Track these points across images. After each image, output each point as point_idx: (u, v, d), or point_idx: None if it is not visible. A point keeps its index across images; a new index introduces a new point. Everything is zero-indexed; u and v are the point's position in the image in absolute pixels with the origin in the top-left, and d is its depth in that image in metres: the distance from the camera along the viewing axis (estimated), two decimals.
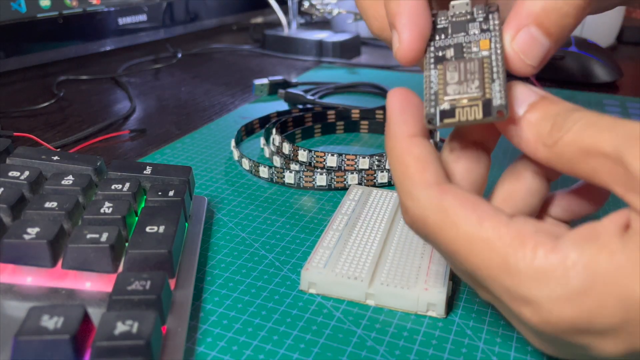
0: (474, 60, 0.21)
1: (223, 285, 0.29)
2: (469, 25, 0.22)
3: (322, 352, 0.25)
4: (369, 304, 0.28)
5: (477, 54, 0.21)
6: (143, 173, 0.33)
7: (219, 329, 0.26)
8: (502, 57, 0.21)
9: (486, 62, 0.21)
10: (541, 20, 0.20)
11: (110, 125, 0.52)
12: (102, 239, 0.25)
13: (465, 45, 0.22)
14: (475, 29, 0.22)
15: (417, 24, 0.22)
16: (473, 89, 0.21)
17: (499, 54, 0.21)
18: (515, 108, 0.20)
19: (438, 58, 0.22)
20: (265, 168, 0.41)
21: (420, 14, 0.22)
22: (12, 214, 0.27)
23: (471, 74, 0.21)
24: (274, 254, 0.32)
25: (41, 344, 0.19)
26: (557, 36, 0.21)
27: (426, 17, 0.22)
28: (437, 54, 0.22)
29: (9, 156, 0.32)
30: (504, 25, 0.21)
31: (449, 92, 0.21)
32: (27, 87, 0.63)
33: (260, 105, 0.59)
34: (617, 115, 0.57)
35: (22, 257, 0.24)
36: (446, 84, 0.21)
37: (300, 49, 0.82)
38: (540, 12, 0.20)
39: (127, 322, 0.21)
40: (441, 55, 0.22)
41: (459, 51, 0.22)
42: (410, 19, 0.22)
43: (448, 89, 0.21)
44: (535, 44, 0.21)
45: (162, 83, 0.68)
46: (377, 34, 0.26)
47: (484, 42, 0.22)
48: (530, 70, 0.21)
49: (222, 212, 0.37)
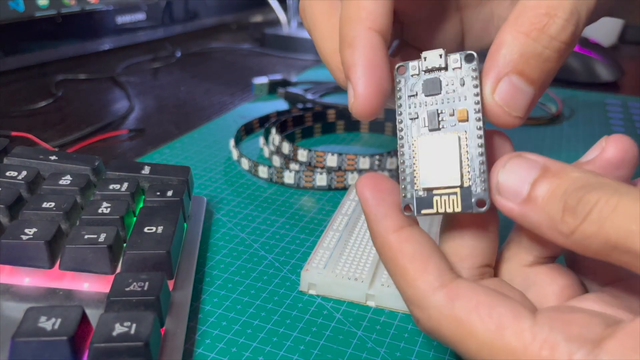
0: (450, 139, 0.19)
1: (222, 286, 0.29)
2: (443, 81, 0.20)
3: (322, 353, 0.25)
4: (370, 305, 0.28)
5: (454, 126, 0.19)
6: (141, 173, 0.32)
7: (218, 330, 0.26)
8: (483, 130, 0.19)
9: (463, 137, 0.19)
10: (521, 68, 0.19)
11: (108, 125, 0.52)
12: (100, 240, 0.25)
13: (440, 112, 0.20)
14: (450, 86, 0.20)
15: (373, 77, 0.20)
16: (449, 177, 0.19)
17: (479, 121, 0.19)
18: (516, 190, 0.18)
19: (411, 126, 0.20)
20: (264, 168, 0.41)
21: (377, 65, 0.20)
22: (10, 214, 0.26)
23: (447, 157, 0.19)
24: (274, 254, 0.32)
25: (39, 345, 0.19)
26: (541, 83, 0.19)
27: (383, 69, 0.20)
28: (408, 120, 0.20)
29: (7, 156, 0.31)
30: (482, 75, 0.19)
31: (424, 178, 0.19)
32: (25, 87, 0.63)
33: (260, 105, 0.59)
34: (619, 114, 0.57)
35: (19, 257, 0.24)
36: (421, 168, 0.19)
37: (300, 47, 0.82)
38: (519, 59, 0.18)
39: (126, 324, 0.21)
40: (414, 124, 0.20)
41: (433, 120, 0.20)
42: (366, 71, 0.20)
43: (422, 173, 0.19)
44: (519, 94, 0.19)
45: (161, 82, 0.68)
46: (344, 85, 0.23)
47: (462, 111, 0.19)
48: (517, 122, 0.19)
49: (221, 212, 0.37)
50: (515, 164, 0.18)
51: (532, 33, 0.18)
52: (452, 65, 0.19)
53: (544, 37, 0.18)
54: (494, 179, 0.19)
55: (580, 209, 0.16)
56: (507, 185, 0.18)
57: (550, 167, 0.18)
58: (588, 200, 0.16)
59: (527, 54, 0.18)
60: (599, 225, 0.15)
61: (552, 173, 0.17)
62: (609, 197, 0.16)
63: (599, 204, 0.16)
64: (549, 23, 0.18)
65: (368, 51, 0.20)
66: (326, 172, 0.39)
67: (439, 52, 0.20)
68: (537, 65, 0.19)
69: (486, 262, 0.21)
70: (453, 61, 0.19)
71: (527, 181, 0.18)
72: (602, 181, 0.16)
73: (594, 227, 0.16)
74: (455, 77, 0.19)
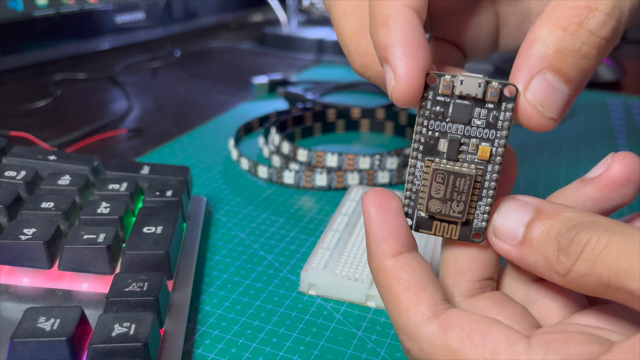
0: (466, 177, 0.18)
1: (222, 286, 0.29)
2: (475, 112, 0.18)
3: (322, 354, 0.25)
4: (370, 306, 0.28)
5: (472, 163, 0.19)
6: (141, 173, 0.32)
7: (217, 331, 0.26)
8: (498, 168, 0.18)
9: (479, 179, 0.19)
10: (558, 65, 0.17)
11: (107, 125, 0.52)
12: (99, 240, 0.25)
13: (463, 142, 0.19)
14: (480, 120, 0.18)
15: (415, 58, 0.18)
16: (456, 212, 0.19)
17: (497, 163, 0.18)
18: (512, 233, 0.18)
19: (429, 146, 0.19)
20: (264, 168, 0.41)
21: (418, 44, 0.18)
22: (8, 214, 0.26)
23: (458, 194, 0.19)
24: (273, 254, 0.32)
25: (37, 345, 0.19)
26: (578, 82, 0.18)
27: (425, 48, 0.18)
28: (428, 139, 0.19)
29: (6, 156, 0.31)
30: (512, 72, 0.18)
31: (430, 206, 0.19)
32: (23, 86, 0.63)
33: (260, 104, 0.59)
34: (620, 114, 0.57)
35: (18, 258, 0.24)
36: (429, 195, 0.19)
37: (300, 47, 0.82)
38: (555, 54, 0.17)
39: (125, 324, 0.20)
40: (432, 144, 0.19)
41: (454, 150, 0.19)
42: (407, 50, 0.18)
43: (430, 202, 0.19)
44: (554, 92, 0.17)
45: (160, 82, 0.68)
46: (361, 72, 0.22)
47: (485, 150, 0.18)
48: (551, 124, 0.18)
49: (221, 212, 0.37)
50: (509, 207, 0.18)
51: (570, 27, 0.17)
52: (489, 98, 0.18)
53: (583, 32, 0.17)
54: (490, 223, 0.19)
55: (573, 248, 0.16)
56: (502, 228, 0.18)
57: (544, 208, 0.18)
58: (580, 239, 0.16)
59: (564, 49, 0.17)
60: (591, 263, 0.15)
61: (545, 214, 0.17)
62: (599, 235, 0.16)
63: (590, 243, 0.16)
64: (589, 17, 0.17)
65: (407, 29, 0.18)
66: (326, 172, 0.39)
67: (478, 80, 0.18)
68: (575, 63, 0.17)
69: (487, 275, 0.20)
70: (491, 94, 0.18)
71: (522, 223, 0.18)
72: (594, 219, 0.16)
73: (587, 265, 0.16)
74: (488, 114, 0.18)
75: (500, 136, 0.18)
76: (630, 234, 0.15)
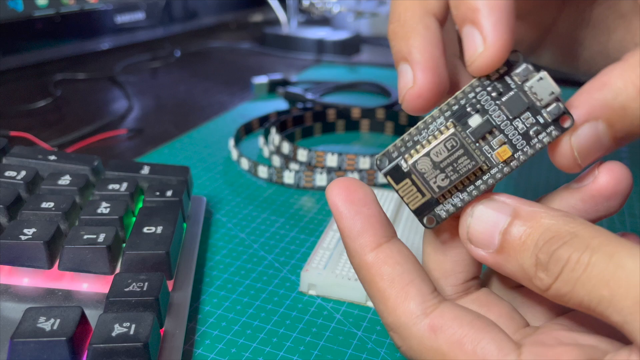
0: (472, 161, 0.17)
1: (222, 286, 0.29)
2: (524, 114, 0.17)
3: (322, 354, 0.25)
4: (370, 306, 0.28)
5: (483, 157, 0.18)
6: (141, 173, 0.32)
7: (217, 331, 0.26)
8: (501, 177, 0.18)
9: (479, 173, 0.18)
10: (614, 120, 0.16)
11: (107, 125, 0.52)
12: (99, 240, 0.25)
13: (493, 132, 0.18)
14: (522, 125, 0.17)
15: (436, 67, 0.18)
16: (436, 185, 0.18)
17: (504, 173, 0.18)
18: (487, 240, 0.17)
19: (463, 111, 0.18)
20: (264, 168, 0.41)
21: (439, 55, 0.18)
22: (9, 214, 0.26)
23: (453, 171, 0.17)
24: (273, 255, 0.32)
25: (37, 345, 0.19)
26: (621, 142, 0.17)
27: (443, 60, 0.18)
28: (469, 105, 0.18)
29: (6, 156, 0.31)
30: (572, 101, 0.17)
31: (420, 162, 0.18)
32: (23, 86, 0.63)
33: (260, 104, 0.59)
34: None
35: (18, 258, 0.24)
36: (428, 152, 0.17)
37: (300, 47, 0.82)
38: (618, 109, 0.16)
39: (125, 324, 0.20)
40: (468, 112, 0.18)
41: (481, 132, 0.17)
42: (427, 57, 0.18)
43: (422, 159, 0.18)
44: (596, 144, 0.17)
45: (160, 82, 0.68)
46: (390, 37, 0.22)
47: (506, 152, 0.17)
48: (577, 169, 0.17)
49: (221, 212, 0.37)
50: (484, 211, 0.17)
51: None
52: (546, 111, 0.17)
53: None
54: (463, 227, 0.18)
55: (552, 266, 0.15)
56: (477, 235, 0.17)
57: (521, 211, 0.17)
58: (559, 258, 0.15)
59: (629, 109, 0.16)
60: (571, 286, 0.15)
61: (523, 218, 0.16)
62: (580, 254, 0.15)
63: (570, 263, 0.15)
64: None
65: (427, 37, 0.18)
66: (326, 172, 0.39)
67: (552, 89, 0.17)
68: (630, 125, 0.16)
69: (471, 276, 0.20)
70: (551, 111, 0.17)
71: (498, 230, 0.17)
72: (574, 231, 0.15)
73: (566, 287, 0.15)
74: (532, 125, 0.17)
75: (526, 152, 0.17)
76: (612, 253, 0.14)
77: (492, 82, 0.17)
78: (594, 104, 0.16)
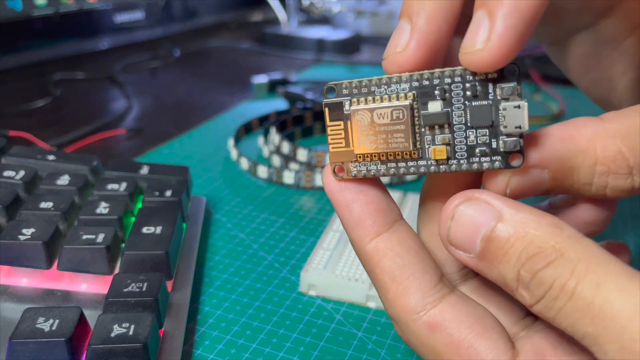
0: (403, 144, 0.16)
1: (221, 287, 0.29)
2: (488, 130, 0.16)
3: (322, 355, 0.24)
4: (370, 307, 0.27)
5: (419, 145, 0.17)
6: (140, 173, 0.32)
7: (217, 332, 0.26)
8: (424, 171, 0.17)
9: (406, 157, 0.17)
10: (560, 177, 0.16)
11: (106, 125, 0.52)
12: (98, 240, 0.25)
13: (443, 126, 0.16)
14: (479, 139, 0.16)
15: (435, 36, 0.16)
16: (360, 143, 0.17)
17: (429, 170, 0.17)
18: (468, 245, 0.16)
19: (429, 91, 0.16)
20: (264, 168, 0.40)
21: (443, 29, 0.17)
22: (7, 214, 0.26)
23: (383, 142, 0.17)
24: (273, 255, 0.32)
25: (36, 346, 0.19)
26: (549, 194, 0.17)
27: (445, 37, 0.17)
28: (434, 87, 0.16)
29: (4, 155, 0.31)
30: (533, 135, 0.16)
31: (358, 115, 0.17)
32: (22, 86, 0.63)
33: (259, 104, 0.59)
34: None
35: (17, 258, 0.24)
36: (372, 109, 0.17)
37: (300, 46, 0.82)
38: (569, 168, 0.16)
39: (124, 325, 0.20)
40: (433, 94, 0.16)
41: (430, 121, 0.16)
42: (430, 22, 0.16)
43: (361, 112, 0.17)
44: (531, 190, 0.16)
45: (160, 81, 0.68)
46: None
47: (442, 152, 0.16)
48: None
49: (221, 212, 0.37)
50: (465, 213, 0.16)
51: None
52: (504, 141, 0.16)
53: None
54: (443, 228, 0.16)
55: (534, 288, 0.14)
56: (457, 238, 0.16)
57: (506, 216, 0.15)
58: (542, 281, 0.14)
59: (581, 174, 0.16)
60: (554, 313, 0.14)
61: (507, 224, 0.15)
62: (565, 280, 0.14)
63: (553, 290, 0.14)
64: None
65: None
66: None
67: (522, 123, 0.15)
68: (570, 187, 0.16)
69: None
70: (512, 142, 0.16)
71: (479, 235, 0.15)
72: (561, 247, 0.14)
73: (550, 313, 0.14)
74: (486, 145, 0.16)
75: (460, 165, 0.16)
76: (599, 283, 0.13)
77: (475, 80, 0.16)
78: (552, 154, 0.16)
